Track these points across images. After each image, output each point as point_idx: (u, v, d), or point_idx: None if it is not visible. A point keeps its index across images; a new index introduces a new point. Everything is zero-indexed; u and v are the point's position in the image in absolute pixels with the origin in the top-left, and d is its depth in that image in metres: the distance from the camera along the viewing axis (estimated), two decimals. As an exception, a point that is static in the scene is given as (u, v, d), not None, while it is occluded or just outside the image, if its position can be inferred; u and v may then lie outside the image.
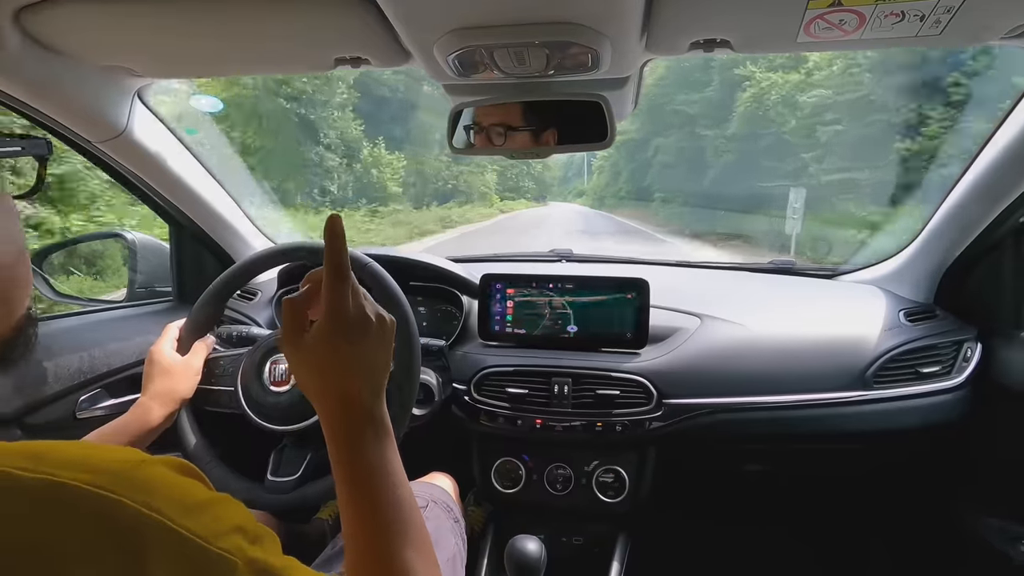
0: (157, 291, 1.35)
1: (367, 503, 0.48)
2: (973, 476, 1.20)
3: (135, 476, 0.32)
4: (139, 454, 0.34)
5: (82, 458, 0.32)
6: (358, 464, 0.49)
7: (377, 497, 0.48)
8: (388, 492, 0.49)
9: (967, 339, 1.12)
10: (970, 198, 1.06)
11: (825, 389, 1.08)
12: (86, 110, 0.96)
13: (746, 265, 1.62)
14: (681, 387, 1.10)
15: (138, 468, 0.33)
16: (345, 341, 0.48)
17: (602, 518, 1.19)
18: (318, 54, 0.84)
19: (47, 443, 0.33)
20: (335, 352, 0.48)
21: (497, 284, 1.20)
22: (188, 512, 0.32)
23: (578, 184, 52.85)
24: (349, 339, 0.48)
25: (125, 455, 0.34)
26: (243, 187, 1.38)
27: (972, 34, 0.74)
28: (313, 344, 0.48)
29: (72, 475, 0.30)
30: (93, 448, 0.34)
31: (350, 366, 0.49)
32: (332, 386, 0.49)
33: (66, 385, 0.99)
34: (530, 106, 0.91)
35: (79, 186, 3.84)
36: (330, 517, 1.23)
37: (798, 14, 0.68)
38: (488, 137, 0.93)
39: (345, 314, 0.48)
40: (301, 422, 0.87)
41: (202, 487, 0.35)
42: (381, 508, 0.48)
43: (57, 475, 0.30)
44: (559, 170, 43.61)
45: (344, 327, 0.48)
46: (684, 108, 17.62)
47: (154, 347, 0.89)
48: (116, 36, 0.80)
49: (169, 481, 0.33)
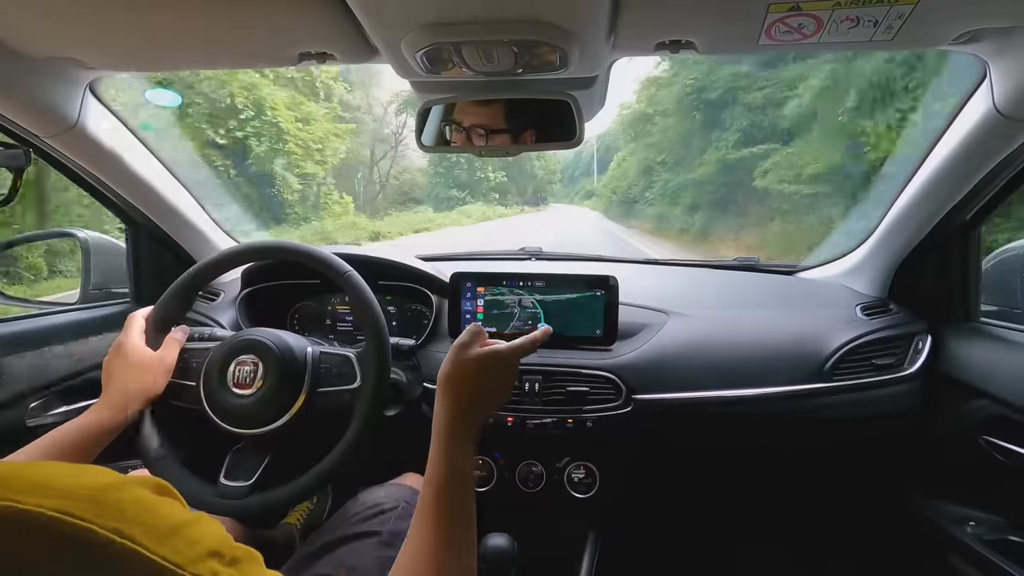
0: (113, 292, 1.30)
1: (448, 495, 0.59)
2: (923, 462, 1.26)
3: (105, 500, 0.30)
4: (109, 475, 0.33)
5: (48, 483, 0.30)
6: (457, 465, 0.62)
7: (460, 492, 0.60)
8: (468, 490, 0.62)
9: (918, 332, 1.17)
10: (920, 197, 1.11)
11: (787, 382, 1.12)
12: (33, 103, 0.91)
13: (711, 262, 1.66)
14: (650, 382, 1.12)
15: (108, 491, 0.31)
16: (505, 369, 0.69)
17: (574, 514, 1.20)
18: (282, 49, 0.82)
19: (10, 465, 0.31)
20: (493, 370, 0.67)
21: (467, 283, 1.20)
22: (162, 538, 0.31)
23: (586, 184, 44.09)
24: (508, 370, 0.69)
25: (94, 478, 0.32)
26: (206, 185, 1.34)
27: (922, 40, 0.77)
28: (484, 356, 0.67)
29: (37, 501, 0.28)
30: (60, 470, 0.32)
31: (495, 388, 0.68)
32: (474, 393, 0.65)
33: (14, 391, 0.94)
34: (505, 115, 0.91)
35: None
36: (298, 522, 1.20)
37: (759, 18, 0.70)
38: (459, 135, 0.93)
39: (515, 357, 0.70)
40: (262, 427, 0.84)
41: (177, 507, 0.34)
42: (456, 504, 0.59)
43: (22, 502, 0.28)
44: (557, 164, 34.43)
45: (513, 361, 0.70)
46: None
47: (120, 339, 0.83)
48: (63, 27, 0.76)
49: (141, 504, 0.32)
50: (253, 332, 0.89)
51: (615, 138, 28.54)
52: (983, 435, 1.05)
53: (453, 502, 0.58)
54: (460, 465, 0.62)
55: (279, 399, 0.84)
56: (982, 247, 1.16)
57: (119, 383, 0.79)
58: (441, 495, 0.59)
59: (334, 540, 0.87)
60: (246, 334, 0.89)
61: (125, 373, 0.80)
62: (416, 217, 18.43)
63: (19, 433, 0.96)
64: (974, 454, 1.07)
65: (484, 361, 0.67)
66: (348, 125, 15.01)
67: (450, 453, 0.62)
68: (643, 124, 17.17)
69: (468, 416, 0.64)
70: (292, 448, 0.87)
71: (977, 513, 1.11)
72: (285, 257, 0.95)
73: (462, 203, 23.12)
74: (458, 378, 0.66)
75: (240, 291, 1.30)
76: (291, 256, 0.93)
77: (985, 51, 0.83)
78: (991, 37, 0.78)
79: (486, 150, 0.95)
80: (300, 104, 12.62)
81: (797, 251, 9.56)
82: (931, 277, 1.21)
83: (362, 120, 19.37)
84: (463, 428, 0.64)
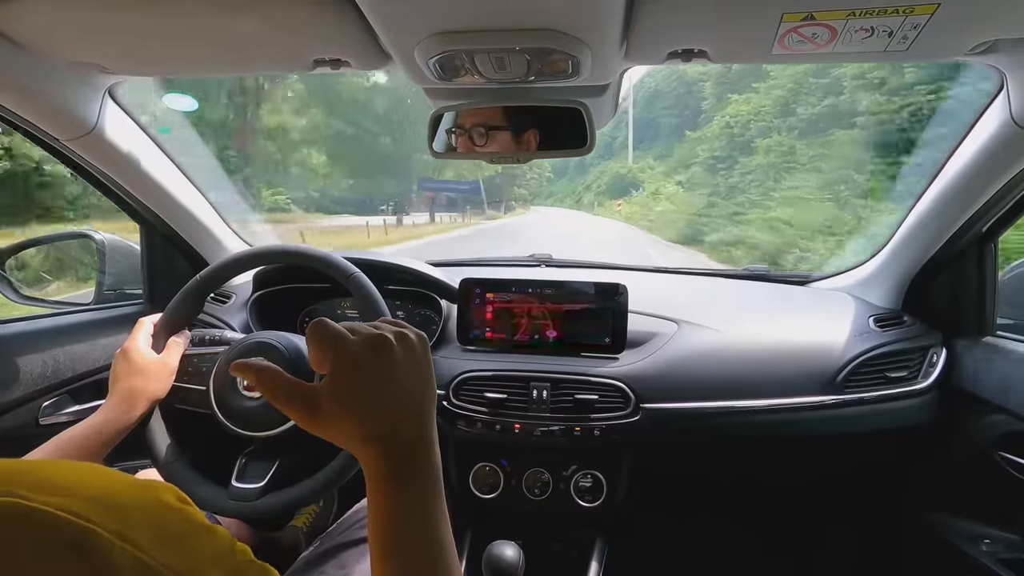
0: (126, 293, 1.31)
1: (402, 553, 0.42)
2: (937, 477, 1.23)
3: (112, 502, 0.30)
4: (122, 478, 0.32)
5: (57, 480, 0.30)
6: (395, 519, 0.43)
7: (415, 549, 0.43)
8: (427, 548, 0.43)
9: (933, 344, 1.16)
10: (936, 208, 1.09)
11: (798, 393, 1.10)
12: (54, 107, 0.93)
13: (721, 271, 1.65)
14: (658, 392, 1.11)
15: (117, 494, 0.31)
16: (359, 375, 0.43)
17: (580, 523, 1.19)
18: (296, 55, 0.83)
19: (23, 462, 0.31)
20: (352, 395, 0.43)
21: (477, 288, 1.20)
22: (164, 543, 0.30)
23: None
24: (364, 372, 0.43)
25: (105, 479, 0.32)
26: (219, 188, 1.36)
27: (938, 50, 0.77)
28: (327, 395, 0.42)
29: (44, 499, 0.28)
30: (71, 470, 0.32)
31: (377, 398, 0.43)
32: (361, 430, 0.43)
33: (28, 391, 0.96)
34: (511, 111, 0.91)
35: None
36: (305, 525, 1.21)
37: (773, 27, 0.70)
38: (469, 141, 0.93)
39: (344, 348, 0.43)
40: (272, 429, 0.84)
41: (189, 516, 0.33)
42: (416, 563, 0.42)
43: (29, 498, 0.28)
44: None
45: (350, 360, 0.43)
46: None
47: (127, 344, 0.84)
48: (85, 32, 0.78)
49: (151, 511, 0.31)
50: (262, 335, 0.90)
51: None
52: (999, 451, 1.03)
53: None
54: (422, 522, 0.44)
55: None
56: (998, 259, 1.14)
57: (123, 386, 0.81)
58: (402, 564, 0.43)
59: (340, 544, 0.87)
60: (255, 337, 0.90)
61: (128, 376, 0.81)
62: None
63: (32, 431, 0.97)
64: (990, 470, 1.05)
65: (337, 381, 0.43)
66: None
67: (402, 509, 0.43)
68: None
69: (396, 437, 0.44)
70: (303, 450, 0.87)
71: (993, 531, 1.09)
72: (292, 261, 0.95)
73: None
74: (338, 421, 0.43)
75: (251, 294, 1.31)
76: (298, 260, 0.94)
77: (1002, 62, 0.82)
78: (1008, 48, 0.77)
79: (496, 157, 0.95)
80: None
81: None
82: (946, 289, 1.20)
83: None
84: (400, 460, 0.44)
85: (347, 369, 0.43)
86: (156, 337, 0.88)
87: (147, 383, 0.82)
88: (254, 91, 13.78)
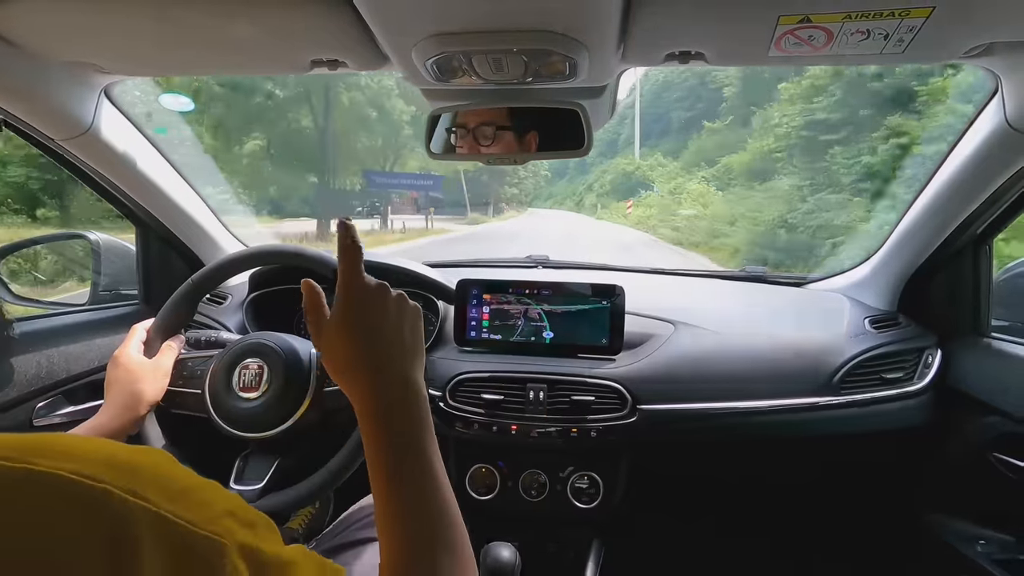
0: (121, 294, 1.31)
1: (402, 491, 0.47)
2: (932, 477, 1.24)
3: (121, 463, 0.31)
4: (124, 445, 0.34)
5: (66, 448, 0.31)
6: (391, 439, 0.48)
7: (413, 486, 0.47)
8: (425, 481, 0.48)
9: (928, 346, 1.16)
10: (931, 210, 1.10)
11: (795, 394, 1.11)
12: (49, 107, 0.92)
13: (719, 273, 1.65)
14: (655, 393, 1.11)
15: (123, 455, 0.32)
16: (364, 308, 0.51)
17: (576, 524, 1.19)
18: (294, 56, 0.83)
19: (31, 435, 0.32)
20: (357, 322, 0.50)
21: (474, 290, 1.20)
22: (174, 497, 0.31)
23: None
24: (368, 307, 0.51)
25: (110, 446, 0.33)
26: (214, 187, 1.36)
27: (933, 53, 0.77)
28: (335, 319, 0.51)
29: (56, 464, 0.29)
30: (77, 440, 0.33)
31: (376, 332, 0.50)
32: (361, 357, 0.50)
33: (22, 392, 0.95)
34: (509, 112, 0.91)
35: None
36: (301, 527, 1.20)
37: (769, 29, 0.70)
38: (466, 142, 0.93)
39: (360, 292, 0.51)
40: (269, 430, 0.84)
41: (190, 473, 0.35)
42: (416, 500, 0.47)
43: (39, 464, 0.29)
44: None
45: (360, 294, 0.51)
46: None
47: (119, 350, 0.84)
48: (81, 32, 0.77)
49: (156, 468, 0.33)
50: (257, 336, 0.89)
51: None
52: (994, 452, 1.04)
53: (417, 513, 0.47)
54: (413, 461, 0.48)
55: (285, 402, 0.84)
56: (993, 261, 1.15)
57: (117, 392, 0.80)
58: (400, 510, 0.47)
59: (336, 546, 0.87)
60: (250, 338, 0.89)
61: (122, 382, 0.81)
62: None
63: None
64: (984, 471, 1.05)
65: (342, 322, 0.51)
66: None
67: (394, 450, 0.48)
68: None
69: (384, 385, 0.49)
70: (300, 450, 0.87)
71: (988, 532, 1.10)
72: (288, 261, 0.95)
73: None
74: (339, 355, 0.51)
75: (247, 295, 1.30)
76: (294, 260, 0.94)
77: (997, 65, 0.83)
78: (1003, 51, 0.77)
79: (493, 158, 0.95)
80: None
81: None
82: (941, 291, 1.20)
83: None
84: (392, 404, 0.49)
85: (355, 302, 0.51)
86: (150, 342, 0.88)
87: (141, 388, 0.82)
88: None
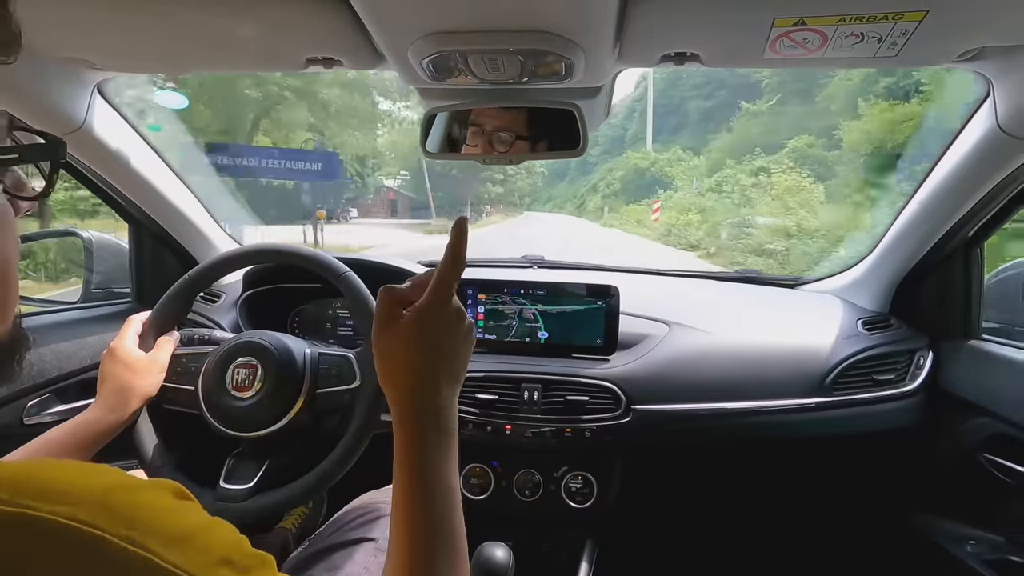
0: (114, 292, 1.30)
1: (419, 503, 0.48)
2: (922, 478, 1.25)
3: (117, 504, 0.30)
4: (119, 475, 0.33)
5: (59, 486, 0.30)
6: (420, 458, 0.50)
7: (431, 500, 0.49)
8: (441, 497, 0.49)
9: (920, 348, 1.17)
10: (923, 213, 1.11)
11: (787, 395, 1.11)
12: (41, 103, 0.92)
13: (713, 273, 1.66)
14: (649, 393, 1.11)
15: (119, 493, 0.31)
16: (440, 323, 0.52)
17: (570, 524, 1.19)
18: (289, 54, 0.83)
19: (19, 467, 0.31)
20: (428, 332, 0.51)
21: (468, 290, 1.20)
22: (173, 544, 0.30)
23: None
24: (444, 323, 0.52)
25: (104, 478, 0.32)
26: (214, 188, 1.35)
27: (926, 57, 0.78)
28: (409, 321, 0.51)
29: (51, 508, 0.28)
30: (69, 472, 0.32)
31: (436, 347, 0.52)
32: (413, 363, 0.51)
33: (12, 389, 0.94)
34: (505, 112, 0.91)
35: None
36: (294, 527, 1.20)
37: (764, 32, 0.70)
38: (461, 141, 0.93)
39: (448, 299, 0.52)
40: (261, 429, 0.83)
41: (192, 511, 0.34)
42: (429, 514, 0.48)
43: (36, 508, 0.28)
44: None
45: (444, 310, 0.52)
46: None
47: (115, 342, 0.83)
48: (75, 28, 0.77)
49: (154, 510, 0.32)
50: (251, 335, 0.89)
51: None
52: (984, 453, 1.05)
53: (429, 510, 0.49)
54: (433, 464, 0.50)
55: (278, 401, 0.84)
56: (984, 264, 1.16)
57: (112, 384, 0.79)
58: (415, 503, 0.49)
59: (329, 546, 0.86)
60: (244, 337, 0.89)
61: (117, 375, 0.80)
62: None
63: (17, 431, 0.96)
64: (975, 472, 1.06)
65: (420, 319, 0.52)
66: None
67: (420, 449, 0.50)
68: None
69: (428, 392, 0.51)
70: (292, 450, 0.87)
71: (977, 532, 1.11)
72: (283, 260, 0.94)
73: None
74: (398, 352, 0.52)
75: (241, 293, 1.30)
76: (289, 259, 0.93)
77: (989, 69, 0.83)
78: (995, 55, 0.78)
79: (488, 157, 0.95)
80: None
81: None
82: (933, 293, 1.21)
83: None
84: (428, 410, 0.51)
85: (442, 318, 0.52)
86: (144, 335, 0.87)
87: (137, 381, 0.81)
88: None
